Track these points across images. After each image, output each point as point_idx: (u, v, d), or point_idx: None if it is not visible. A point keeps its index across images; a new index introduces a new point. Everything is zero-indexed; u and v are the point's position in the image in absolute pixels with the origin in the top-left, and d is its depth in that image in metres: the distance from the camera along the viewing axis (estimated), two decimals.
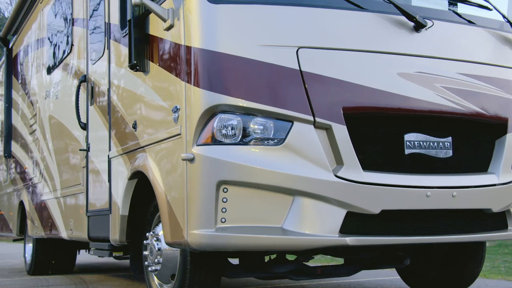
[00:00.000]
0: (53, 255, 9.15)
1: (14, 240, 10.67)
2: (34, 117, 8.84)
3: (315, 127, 4.09)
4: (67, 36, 7.21)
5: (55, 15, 7.89)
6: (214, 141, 4.04)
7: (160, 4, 4.51)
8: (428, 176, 4.37)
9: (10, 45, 10.83)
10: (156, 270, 4.85)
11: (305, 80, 4.11)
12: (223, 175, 3.98)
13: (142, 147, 4.87)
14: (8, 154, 10.67)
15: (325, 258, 9.33)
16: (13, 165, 10.46)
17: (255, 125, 4.05)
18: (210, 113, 4.05)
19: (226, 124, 4.03)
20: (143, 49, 4.84)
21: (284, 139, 4.04)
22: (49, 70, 8.00)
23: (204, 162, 4.02)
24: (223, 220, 3.98)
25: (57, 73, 7.62)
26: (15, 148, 10.30)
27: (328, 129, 4.11)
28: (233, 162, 3.98)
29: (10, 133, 10.62)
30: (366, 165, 4.20)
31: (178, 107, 4.27)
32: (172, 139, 4.36)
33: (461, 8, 4.87)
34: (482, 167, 4.65)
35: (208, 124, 4.06)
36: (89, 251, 7.42)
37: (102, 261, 11.51)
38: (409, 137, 4.38)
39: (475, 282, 6.75)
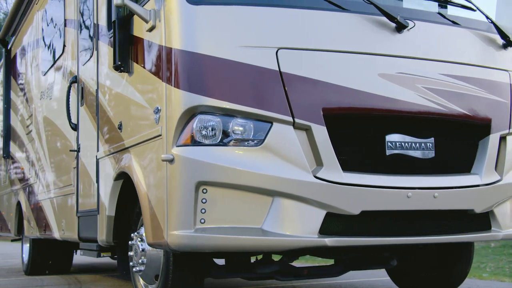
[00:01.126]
0: (49, 255, 9.17)
1: (12, 240, 10.72)
2: (30, 118, 8.88)
3: (295, 128, 4.09)
4: (60, 37, 7.24)
5: (50, 16, 7.93)
6: (194, 142, 4.05)
7: (143, 6, 4.53)
8: (409, 177, 4.36)
9: (9, 46, 10.88)
10: (140, 270, 4.86)
11: (284, 81, 4.11)
12: (202, 176, 3.99)
13: (127, 148, 4.88)
14: (7, 154, 10.72)
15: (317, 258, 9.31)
16: (11, 166, 10.51)
17: (235, 126, 4.05)
18: (190, 114, 4.06)
19: (205, 125, 4.04)
20: (127, 50, 4.85)
21: (263, 140, 4.05)
22: (44, 71, 8.04)
23: (183, 163, 4.03)
24: (202, 221, 3.98)
25: (51, 74, 7.65)
26: (13, 148, 10.34)
27: (307, 130, 4.11)
28: (212, 163, 3.99)
29: (8, 133, 10.67)
30: (346, 166, 4.19)
31: (159, 108, 4.28)
32: (153, 140, 4.37)
33: (445, 9, 4.85)
34: (465, 167, 4.64)
35: (187, 125, 4.07)
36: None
37: (101, 261, 11.52)
38: (391, 138, 4.36)
39: (467, 283, 6.74)
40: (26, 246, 9.50)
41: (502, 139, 4.78)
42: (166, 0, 4.25)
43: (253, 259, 5.21)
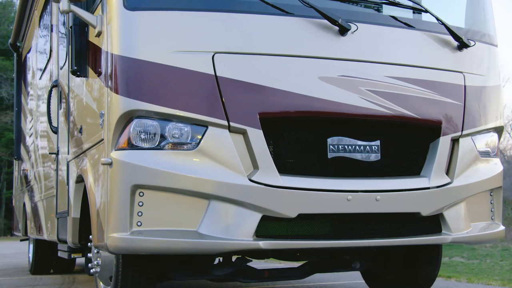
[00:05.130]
0: (52, 254, 9.31)
1: (21, 240, 10.97)
2: (32, 121, 9.07)
3: (230, 131, 4.11)
4: (48, 42, 7.39)
5: (44, 22, 8.09)
6: (131, 146, 4.10)
7: (93, 12, 4.61)
8: (351, 180, 4.33)
9: (20, 51, 11.13)
10: (97, 272, 4.95)
11: (220, 85, 4.13)
12: (138, 179, 4.04)
13: (84, 151, 4.98)
14: (18, 156, 11.00)
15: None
16: (21, 167, 10.76)
17: (171, 130, 4.10)
18: (127, 118, 4.11)
19: (141, 129, 4.09)
20: (84, 55, 4.94)
21: (198, 143, 4.09)
22: (40, 75, 8.22)
23: (120, 166, 4.09)
24: (139, 223, 4.04)
25: (44, 78, 7.82)
26: (23, 151, 10.58)
27: (244, 134, 4.13)
28: (148, 167, 4.04)
29: (19, 136, 10.94)
30: (285, 169, 4.20)
31: (103, 112, 4.35)
32: (99, 144, 4.45)
33: (395, 10, 4.77)
34: (414, 170, 4.58)
35: (125, 129, 4.13)
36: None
37: None
38: (333, 140, 4.34)
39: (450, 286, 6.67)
40: (31, 246, 9.71)
41: (455, 141, 4.72)
42: (108, 6, 4.32)
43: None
